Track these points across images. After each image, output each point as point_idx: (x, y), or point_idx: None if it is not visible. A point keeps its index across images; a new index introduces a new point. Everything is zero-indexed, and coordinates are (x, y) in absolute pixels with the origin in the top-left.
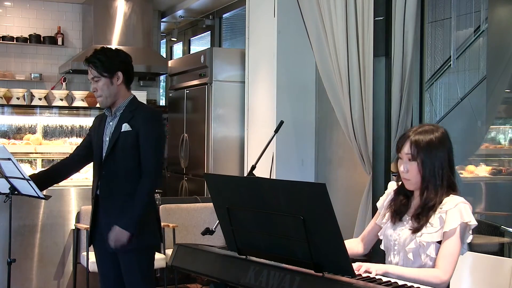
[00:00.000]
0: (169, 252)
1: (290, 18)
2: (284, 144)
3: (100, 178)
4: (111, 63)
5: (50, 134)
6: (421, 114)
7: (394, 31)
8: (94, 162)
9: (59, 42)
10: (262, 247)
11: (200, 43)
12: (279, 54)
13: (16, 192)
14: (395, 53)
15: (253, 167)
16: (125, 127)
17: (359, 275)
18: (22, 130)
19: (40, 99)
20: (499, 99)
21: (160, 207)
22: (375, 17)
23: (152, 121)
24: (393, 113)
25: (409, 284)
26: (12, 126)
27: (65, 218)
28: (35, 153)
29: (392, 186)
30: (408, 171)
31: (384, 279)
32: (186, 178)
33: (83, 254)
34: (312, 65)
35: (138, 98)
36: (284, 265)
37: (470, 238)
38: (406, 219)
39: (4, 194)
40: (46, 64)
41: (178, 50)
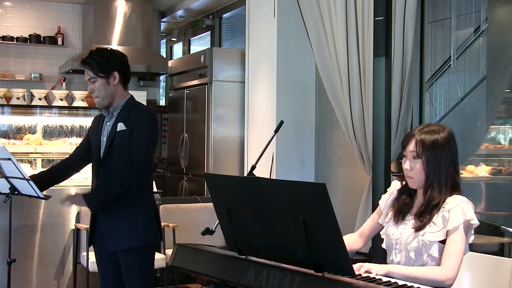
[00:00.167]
0: (169, 252)
1: (290, 18)
2: (284, 144)
3: (99, 178)
4: (107, 63)
5: (50, 134)
6: (421, 114)
7: (394, 31)
8: (92, 162)
9: (59, 42)
10: (262, 247)
11: (200, 43)
12: (279, 54)
13: (16, 192)
14: (395, 53)
15: (253, 167)
16: (120, 126)
17: (359, 275)
18: (22, 130)
19: (40, 99)
20: (499, 99)
21: (160, 207)
22: (375, 17)
23: (146, 120)
24: (393, 113)
25: (409, 284)
26: (12, 126)
27: (65, 218)
28: (35, 153)
29: (395, 186)
30: (412, 169)
31: (384, 279)
32: (186, 178)
33: (83, 254)
34: (312, 65)
35: (138, 98)
36: (284, 265)
37: (472, 238)
38: (409, 218)
39: (4, 194)
40: (46, 64)
41: (178, 50)
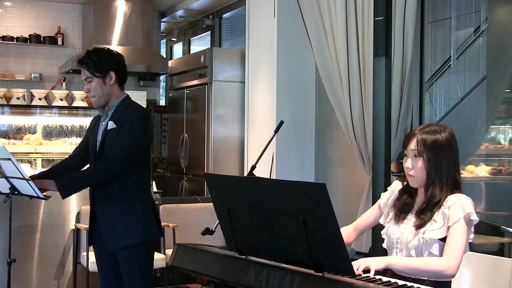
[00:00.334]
0: (169, 252)
1: (290, 18)
2: (284, 144)
3: None
4: (103, 63)
5: (50, 134)
6: (421, 114)
7: (394, 31)
8: (89, 161)
9: (59, 42)
10: (262, 247)
11: (200, 43)
12: (279, 54)
13: (16, 192)
14: (395, 53)
15: (253, 167)
16: (110, 125)
17: (359, 275)
18: (22, 130)
19: (40, 99)
20: (499, 99)
21: (160, 207)
22: (375, 17)
23: (135, 119)
24: (393, 113)
25: (409, 284)
26: (12, 126)
27: (65, 218)
28: (35, 153)
29: (397, 185)
30: (413, 167)
31: (384, 279)
32: (186, 178)
33: (83, 254)
34: (312, 65)
35: (138, 98)
36: (284, 265)
37: (471, 236)
38: (410, 217)
39: (4, 194)
40: (46, 64)
41: (178, 50)
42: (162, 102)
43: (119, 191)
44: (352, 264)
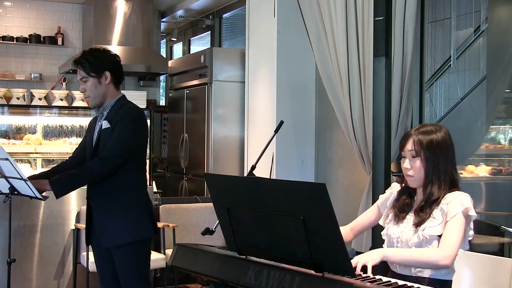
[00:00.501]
0: (169, 252)
1: (290, 18)
2: (284, 144)
3: None
4: (99, 63)
5: (50, 134)
6: (421, 114)
7: (394, 31)
8: (86, 161)
9: (59, 42)
10: (262, 247)
11: (200, 43)
12: (279, 54)
13: (16, 192)
14: (395, 53)
15: (253, 167)
16: (105, 124)
17: (359, 275)
18: (22, 130)
19: (40, 99)
20: (499, 99)
21: (160, 207)
22: (375, 17)
23: (128, 118)
24: (393, 113)
25: (409, 284)
26: (12, 126)
27: (65, 218)
28: (35, 153)
29: (395, 187)
30: (411, 167)
31: (384, 279)
32: (186, 178)
33: (83, 254)
34: (312, 65)
35: (138, 98)
36: (284, 265)
37: (471, 233)
38: (409, 217)
39: (4, 194)
40: (46, 64)
41: (178, 50)
42: (162, 102)
43: (114, 190)
44: (352, 264)
